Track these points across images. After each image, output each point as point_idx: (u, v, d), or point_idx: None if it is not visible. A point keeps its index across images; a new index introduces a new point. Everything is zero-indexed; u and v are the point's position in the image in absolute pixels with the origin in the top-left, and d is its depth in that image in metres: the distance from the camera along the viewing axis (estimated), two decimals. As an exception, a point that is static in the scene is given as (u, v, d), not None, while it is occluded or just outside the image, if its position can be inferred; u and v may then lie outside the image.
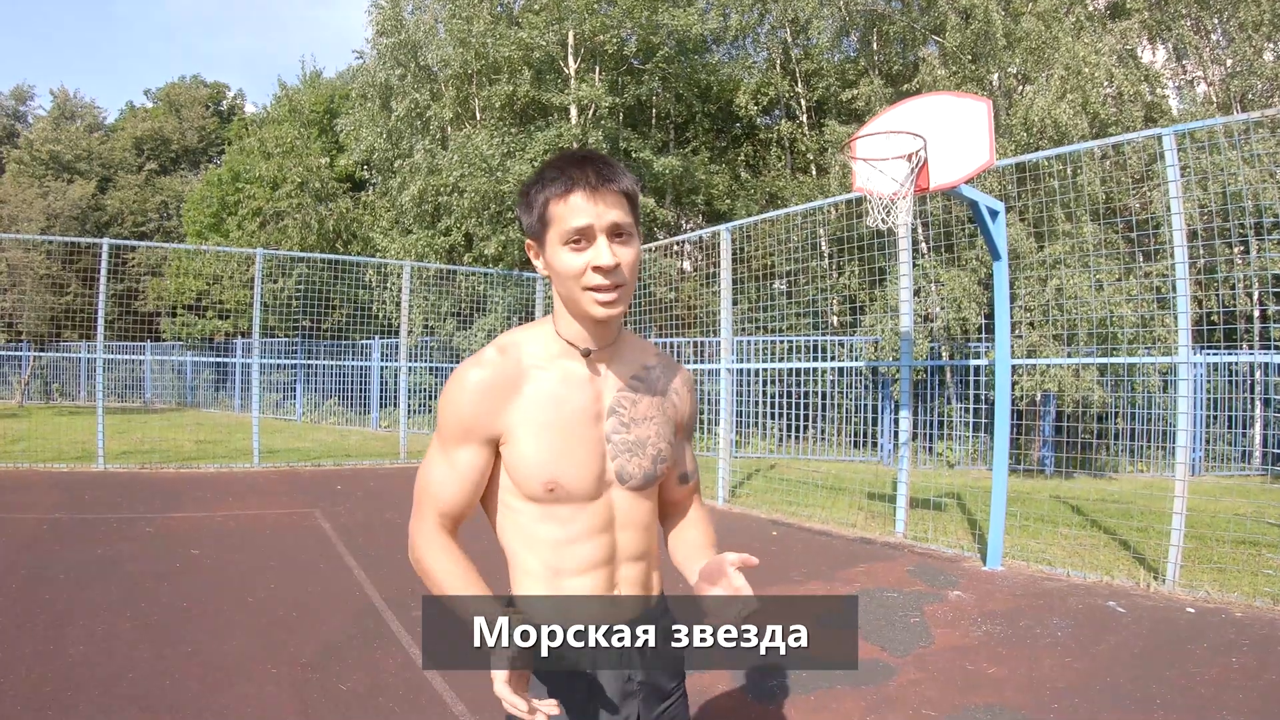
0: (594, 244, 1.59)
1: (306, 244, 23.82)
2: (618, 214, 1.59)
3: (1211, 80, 16.08)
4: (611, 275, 1.59)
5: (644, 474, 1.71)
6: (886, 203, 6.02)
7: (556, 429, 1.65)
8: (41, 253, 27.56)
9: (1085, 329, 11.61)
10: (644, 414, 1.72)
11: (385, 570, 6.45)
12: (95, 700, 3.82)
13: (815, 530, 8.47)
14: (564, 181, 1.59)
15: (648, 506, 1.74)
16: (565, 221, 1.58)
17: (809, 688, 4.20)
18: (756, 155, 23.56)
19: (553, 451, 1.65)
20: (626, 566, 1.73)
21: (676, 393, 1.79)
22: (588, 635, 1.54)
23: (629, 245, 1.62)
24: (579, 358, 1.70)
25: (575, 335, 1.69)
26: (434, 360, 18.74)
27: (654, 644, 1.55)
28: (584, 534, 1.68)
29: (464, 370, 1.69)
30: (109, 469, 11.45)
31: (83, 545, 6.97)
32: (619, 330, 1.73)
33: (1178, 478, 6.20)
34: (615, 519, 1.70)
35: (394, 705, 3.91)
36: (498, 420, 1.66)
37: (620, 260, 1.60)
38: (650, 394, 1.74)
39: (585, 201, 1.57)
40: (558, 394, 1.66)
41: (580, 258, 1.58)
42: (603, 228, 1.58)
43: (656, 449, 1.72)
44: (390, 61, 19.60)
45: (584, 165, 1.60)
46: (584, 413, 1.67)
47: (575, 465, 1.66)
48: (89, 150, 37.59)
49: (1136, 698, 4.03)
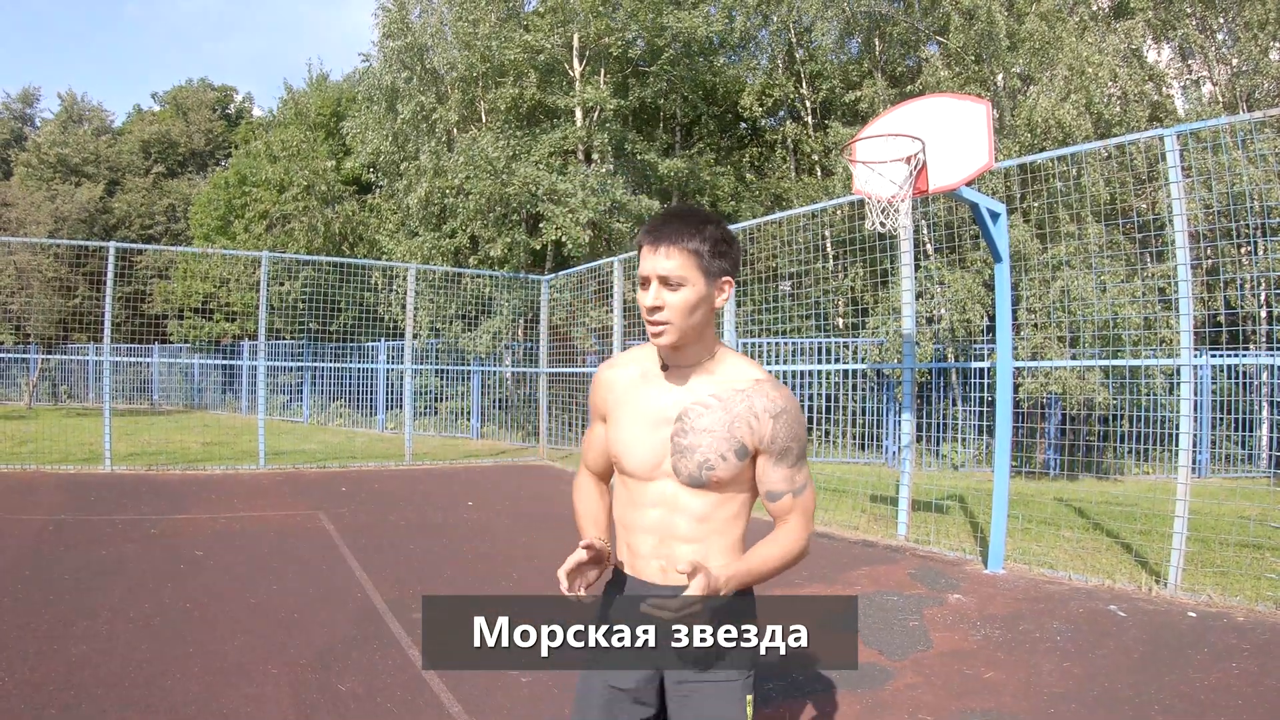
0: (648, 289, 1.96)
1: (313, 247, 23.86)
2: (671, 266, 1.93)
3: (1217, 80, 16.03)
4: (655, 314, 1.96)
5: (689, 474, 1.99)
6: (885, 205, 6.02)
7: (628, 421, 2.08)
8: (49, 256, 27.65)
9: (1089, 331, 11.59)
10: (705, 427, 1.99)
11: (387, 572, 6.47)
12: (96, 701, 3.84)
13: (817, 532, 8.46)
14: (645, 232, 1.99)
15: (703, 503, 2.02)
16: (640, 267, 1.99)
17: (804, 691, 4.20)
18: (761, 157, 23.58)
19: (621, 435, 2.09)
20: (680, 546, 2.02)
21: (755, 418, 2.00)
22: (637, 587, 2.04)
23: (678, 291, 1.94)
24: (658, 370, 2.09)
25: (660, 353, 2.09)
26: (440, 363, 18.77)
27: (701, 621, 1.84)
28: (641, 503, 2.06)
29: (603, 364, 2.23)
30: (115, 471, 11.50)
31: (87, 546, 7.00)
32: (705, 353, 2.05)
33: (1180, 480, 6.18)
34: (668, 501, 2.03)
35: (392, 706, 3.92)
36: (605, 405, 2.17)
37: (664, 303, 1.94)
38: (722, 412, 2.00)
39: (648, 254, 1.96)
40: (638, 395, 2.09)
41: (641, 296, 1.98)
42: (656, 276, 1.94)
43: (705, 458, 1.98)
44: (396, 64, 19.62)
45: (658, 223, 1.98)
46: (655, 414, 2.04)
47: (635, 450, 2.05)
48: (96, 153, 37.69)
49: (1135, 703, 4.02)
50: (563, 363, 15.77)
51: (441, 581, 6.25)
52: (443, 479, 12.13)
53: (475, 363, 18.31)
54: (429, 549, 7.40)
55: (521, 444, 17.39)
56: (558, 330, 16.04)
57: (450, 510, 9.47)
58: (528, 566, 6.74)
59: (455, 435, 19.06)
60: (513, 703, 4.01)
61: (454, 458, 14.76)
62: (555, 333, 16.00)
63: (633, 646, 1.91)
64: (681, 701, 2.00)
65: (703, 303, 1.96)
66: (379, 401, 21.02)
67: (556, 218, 17.39)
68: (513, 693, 4.13)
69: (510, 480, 12.20)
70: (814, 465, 13.63)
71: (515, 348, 18.19)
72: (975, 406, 12.72)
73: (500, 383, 19.09)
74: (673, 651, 1.89)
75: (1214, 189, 9.67)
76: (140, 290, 28.25)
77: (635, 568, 2.07)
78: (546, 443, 15.36)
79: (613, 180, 18.20)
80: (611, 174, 18.51)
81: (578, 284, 15.84)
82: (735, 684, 1.99)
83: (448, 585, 6.15)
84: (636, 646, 1.91)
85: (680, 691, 1.99)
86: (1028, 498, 10.09)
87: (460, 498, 10.38)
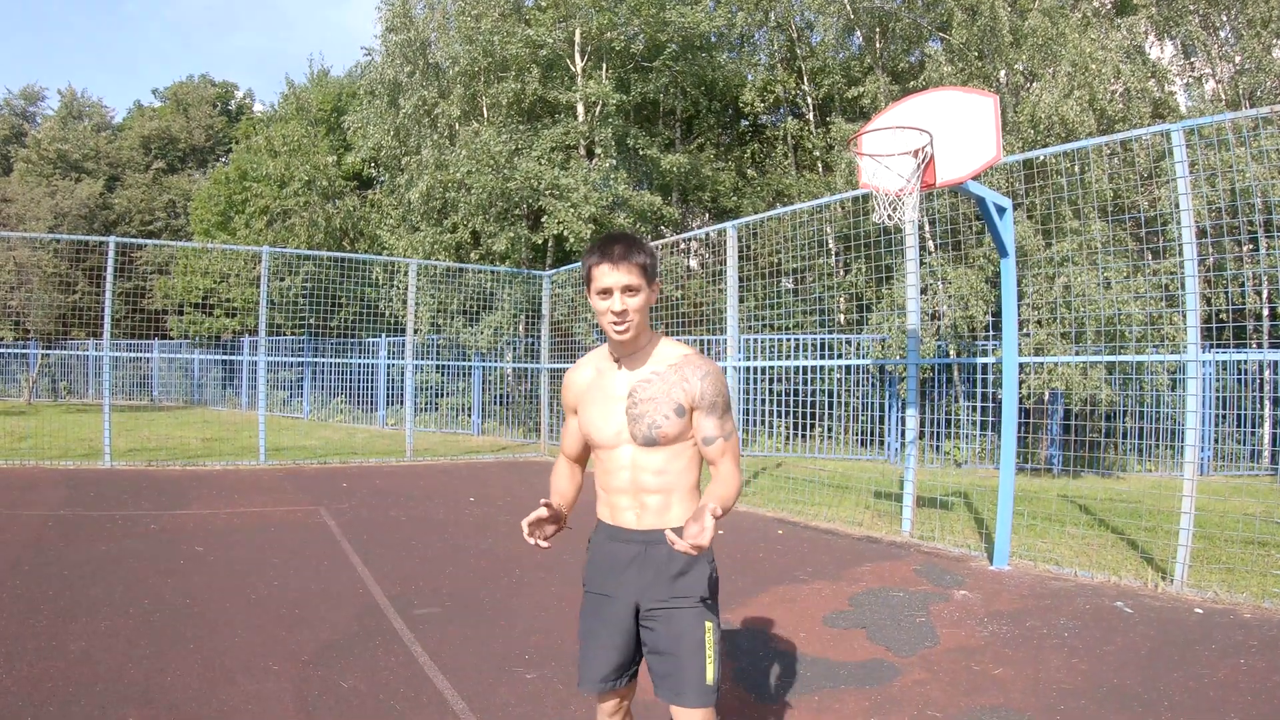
0: (611, 298, 2.47)
1: (313, 242, 23.85)
2: (630, 278, 2.47)
3: (1220, 77, 15.99)
4: (622, 316, 2.48)
5: (643, 436, 2.52)
6: (892, 199, 5.98)
7: (593, 406, 2.63)
8: (49, 251, 27.66)
9: (1093, 327, 11.55)
10: (649, 396, 2.53)
11: (388, 568, 6.44)
12: (95, 696, 3.80)
13: (821, 529, 8.44)
14: (599, 255, 2.50)
15: (659, 458, 2.54)
16: (598, 280, 2.49)
17: (812, 687, 4.17)
18: (763, 152, 23.54)
19: (590, 418, 2.64)
20: (647, 497, 2.56)
21: (687, 381, 2.53)
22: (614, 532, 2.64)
23: (637, 295, 2.49)
24: (611, 364, 2.64)
25: (612, 350, 2.64)
26: (441, 358, 18.74)
27: (660, 551, 2.51)
28: (613, 468, 2.59)
29: (566, 374, 2.77)
30: (115, 466, 11.47)
31: (87, 542, 6.97)
32: (644, 344, 2.60)
33: (1186, 477, 6.14)
34: (631, 462, 2.56)
35: (395, 703, 3.89)
36: (574, 400, 2.72)
37: (628, 307, 2.48)
38: (661, 384, 2.54)
39: (609, 270, 2.47)
40: (597, 386, 2.64)
41: (604, 303, 2.49)
42: (619, 287, 2.47)
43: (652, 420, 2.51)
44: (399, 58, 19.59)
45: (610, 247, 2.50)
46: (612, 396, 2.59)
47: (601, 426, 2.60)
48: (96, 149, 37.69)
49: (1144, 699, 3.99)
50: (564, 358, 15.74)
51: (443, 578, 6.22)
52: (444, 475, 12.11)
53: (476, 358, 18.28)
54: (430, 545, 7.37)
55: (523, 440, 17.37)
56: (559, 326, 16.02)
57: (452, 506, 9.44)
58: (530, 562, 6.70)
59: (456, 431, 19.04)
60: (517, 699, 3.97)
61: (455, 454, 14.73)
62: (557, 328, 15.97)
63: (617, 574, 2.58)
64: (655, 622, 2.52)
65: (648, 302, 2.54)
66: (380, 397, 21.00)
67: (558, 213, 17.35)
68: (517, 688, 4.10)
69: (512, 476, 12.17)
70: (816, 461, 13.66)
71: (517, 343, 18.16)
72: (978, 403, 12.68)
73: (501, 379, 19.06)
74: (650, 578, 2.53)
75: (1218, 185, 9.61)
76: (140, 286, 28.25)
77: (615, 519, 2.62)
78: (548, 439, 15.34)
79: (615, 175, 18.16)
80: (613, 169, 18.46)
81: (579, 279, 15.80)
82: (697, 609, 2.51)
83: (449, 582, 6.12)
84: (621, 574, 2.58)
85: (654, 615, 2.52)
86: (1031, 494, 10.06)
87: (461, 494, 10.35)
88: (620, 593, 2.56)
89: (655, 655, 2.52)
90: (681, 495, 2.57)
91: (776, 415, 14.91)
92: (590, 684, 2.58)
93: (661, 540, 2.45)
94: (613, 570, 2.59)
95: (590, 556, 2.70)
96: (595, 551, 2.69)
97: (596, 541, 2.70)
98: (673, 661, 2.47)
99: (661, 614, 2.50)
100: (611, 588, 2.58)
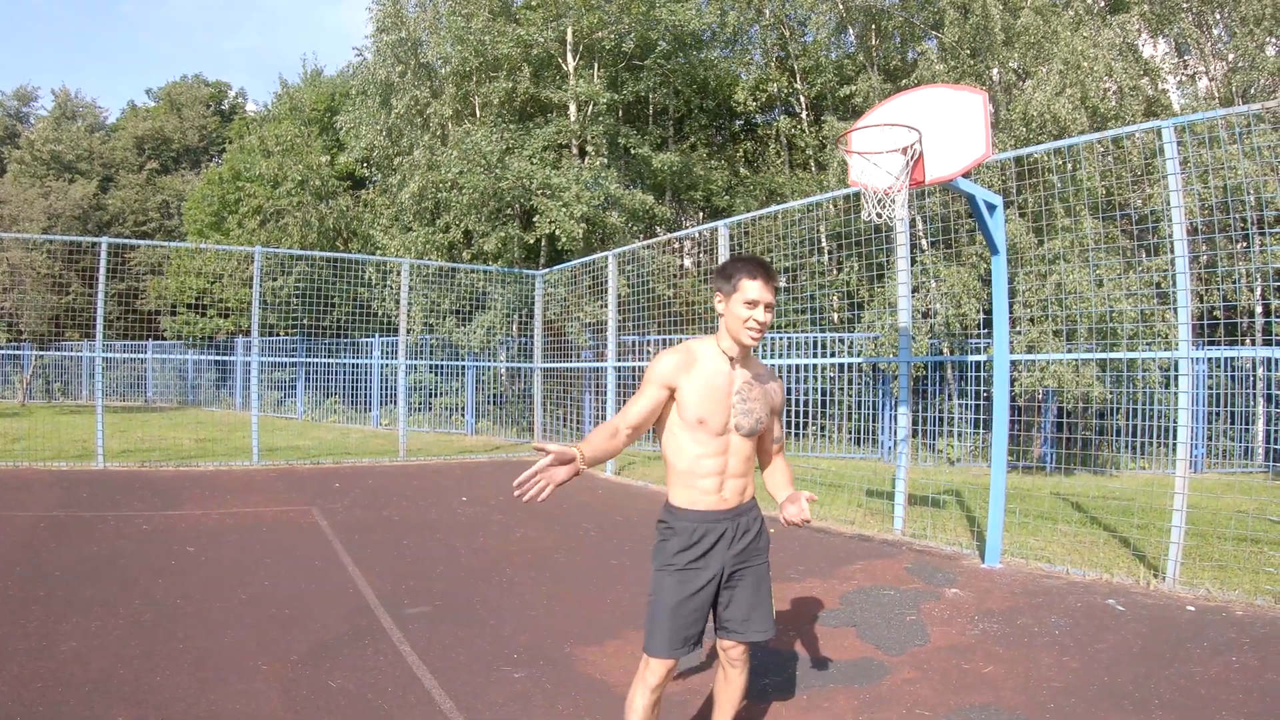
0: (756, 309, 2.95)
1: (307, 242, 23.80)
2: (771, 297, 2.97)
3: (1213, 75, 16.02)
4: (763, 326, 2.96)
5: (749, 428, 3.01)
6: (881, 196, 5.97)
7: (703, 392, 2.96)
8: (43, 252, 27.59)
9: (1085, 324, 11.56)
10: (755, 397, 3.03)
11: (379, 568, 6.42)
12: (85, 697, 3.79)
13: (814, 527, 8.43)
14: (752, 271, 2.96)
15: (749, 447, 3.06)
16: (748, 293, 2.95)
17: (801, 686, 4.16)
18: (755, 151, 23.54)
19: (701, 403, 2.96)
20: (733, 480, 3.04)
21: (773, 391, 3.15)
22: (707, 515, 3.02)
23: (769, 313, 2.97)
24: (726, 361, 3.04)
25: (727, 349, 3.05)
26: (434, 358, 18.72)
27: (742, 523, 3.07)
28: (710, 453, 2.99)
29: (665, 350, 3.04)
30: (109, 467, 11.45)
31: (79, 543, 6.95)
32: (750, 352, 3.11)
33: (1178, 474, 6.15)
34: (729, 449, 3.01)
35: (384, 703, 3.88)
36: (680, 376, 2.97)
37: (767, 320, 2.97)
38: (760, 388, 3.07)
39: (763, 287, 2.95)
40: (712, 377, 2.99)
41: (749, 312, 2.95)
42: (765, 302, 2.95)
43: (756, 417, 3.02)
44: (390, 58, 19.55)
45: (762, 266, 2.98)
46: (722, 388, 2.99)
47: (712, 413, 2.96)
48: (90, 150, 37.60)
49: (1135, 697, 3.99)
50: (557, 358, 15.73)
51: (435, 578, 6.21)
52: (437, 475, 12.09)
53: (469, 358, 18.26)
54: (422, 545, 7.36)
55: (516, 439, 17.35)
56: (552, 325, 16.00)
57: (444, 506, 9.42)
58: (520, 562, 6.70)
59: (450, 431, 19.02)
60: (504, 698, 3.97)
61: (448, 453, 14.71)
62: (550, 328, 15.96)
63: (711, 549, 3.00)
64: (741, 578, 3.06)
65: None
66: (373, 397, 20.97)
67: (550, 212, 17.32)
68: (505, 688, 4.09)
69: (505, 476, 12.15)
70: (809, 460, 13.66)
71: (509, 343, 18.14)
72: (971, 400, 12.69)
73: (495, 378, 19.04)
74: (738, 547, 3.04)
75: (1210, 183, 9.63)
76: (134, 286, 28.20)
77: (701, 503, 3.00)
78: (541, 438, 15.31)
79: (606, 174, 18.13)
80: (605, 168, 18.44)
81: (572, 279, 15.80)
82: (765, 563, 3.17)
83: (440, 581, 6.11)
84: (714, 549, 3.00)
85: (739, 574, 3.05)
86: (1024, 492, 10.07)
87: (454, 493, 10.33)
88: (711, 564, 2.99)
89: (739, 604, 3.06)
90: (752, 479, 3.14)
91: (770, 414, 14.88)
92: (676, 649, 2.93)
93: (745, 512, 3.08)
94: (706, 547, 2.99)
95: (670, 540, 3.02)
96: (681, 535, 3.01)
97: (682, 528, 3.01)
98: (756, 604, 3.07)
99: (744, 570, 3.06)
100: (704, 563, 2.99)
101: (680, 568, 2.97)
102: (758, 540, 3.11)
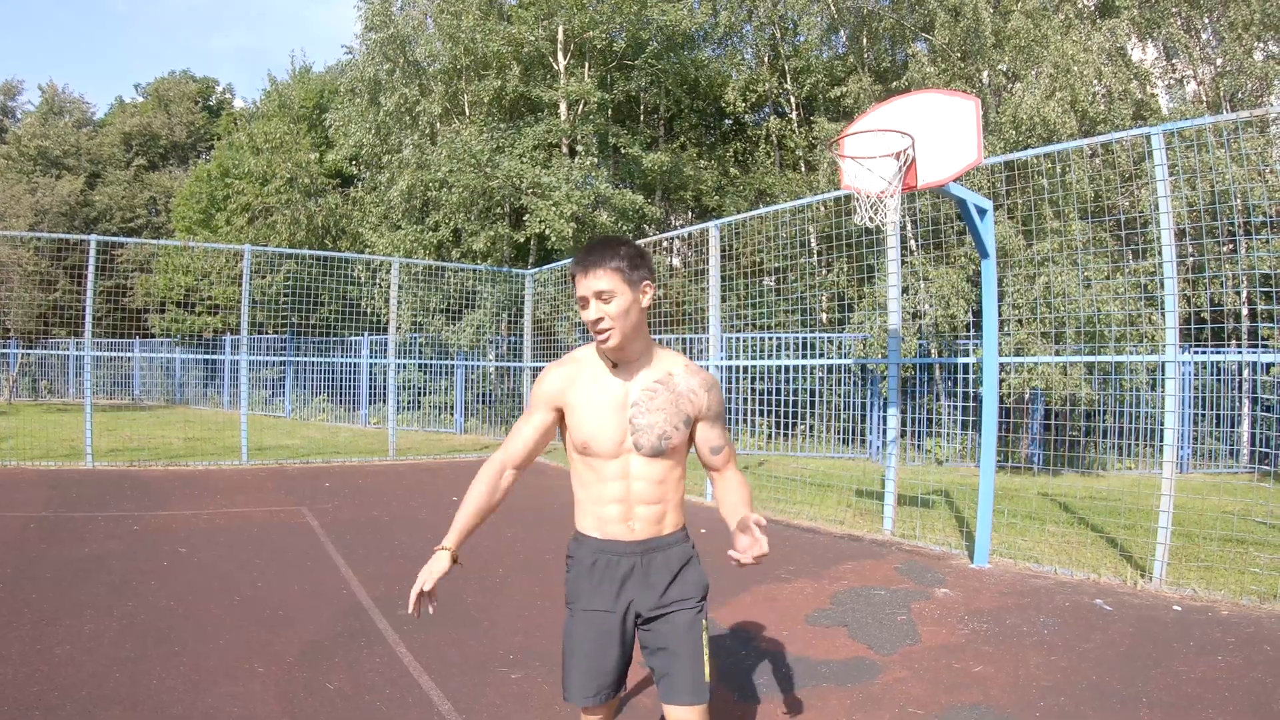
0: (588, 307, 2.44)
1: (295, 240, 23.72)
2: (601, 284, 2.41)
3: (1202, 79, 16.13)
4: (599, 324, 2.43)
5: (651, 446, 2.48)
6: (874, 201, 6.01)
7: (591, 411, 2.50)
8: (29, 249, 27.41)
9: (1073, 326, 11.64)
10: (658, 407, 2.49)
11: (372, 568, 6.43)
12: (79, 700, 3.79)
13: (803, 527, 8.48)
14: (574, 263, 2.49)
15: (659, 468, 2.51)
16: (576, 291, 2.48)
17: (793, 686, 4.20)
18: (745, 152, 23.57)
19: (586, 424, 2.50)
20: (640, 507, 2.51)
21: (694, 392, 2.56)
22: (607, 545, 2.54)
23: (611, 302, 2.42)
24: (608, 367, 2.54)
25: (608, 355, 2.53)
26: (423, 357, 18.69)
27: (656, 560, 2.53)
28: (606, 478, 2.51)
29: (550, 365, 2.63)
30: (97, 467, 11.40)
31: (69, 544, 6.93)
32: (641, 350, 2.54)
33: (1165, 475, 6.21)
34: (630, 472, 2.50)
35: (381, 704, 3.89)
36: (560, 398, 2.55)
37: (604, 314, 2.42)
38: (668, 393, 2.52)
39: (581, 279, 2.45)
40: (594, 390, 2.52)
41: (585, 313, 2.45)
42: (592, 294, 2.43)
43: (660, 432, 2.48)
44: (379, 56, 19.49)
45: (584, 255, 2.47)
46: (611, 402, 2.50)
47: (601, 434, 2.48)
48: (77, 146, 37.38)
49: (1122, 696, 4.04)
50: (546, 357, 15.73)
51: (428, 577, 6.21)
52: (427, 474, 12.09)
53: (459, 357, 18.25)
54: (414, 544, 7.36)
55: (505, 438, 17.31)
56: (541, 324, 16.01)
57: (434, 505, 9.43)
58: (513, 562, 6.72)
59: (439, 430, 18.99)
60: (502, 699, 3.99)
61: (438, 453, 14.70)
62: (539, 327, 15.96)
63: (615, 588, 2.52)
64: (656, 626, 2.52)
65: (632, 306, 2.45)
66: (362, 396, 20.93)
67: (540, 211, 17.32)
68: (502, 689, 4.11)
69: (495, 475, 12.15)
70: (798, 460, 13.70)
71: (499, 342, 18.14)
72: (959, 401, 12.76)
73: (484, 377, 19.03)
74: (650, 587, 2.52)
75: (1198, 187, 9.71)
76: (121, 284, 28.03)
77: (605, 532, 2.54)
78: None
79: (596, 174, 18.15)
80: (595, 167, 18.45)
81: (561, 278, 15.81)
82: (695, 610, 2.54)
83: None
84: (619, 587, 2.52)
85: (654, 621, 2.52)
86: (1012, 492, 10.13)
87: (444, 493, 10.34)
88: (618, 606, 2.51)
89: (657, 657, 2.52)
90: (675, 504, 2.58)
91: (758, 414, 14.95)
92: (585, 698, 2.50)
93: (661, 548, 2.54)
94: (609, 584, 2.52)
95: (576, 572, 2.59)
96: (583, 567, 2.57)
97: (582, 556, 2.58)
98: (675, 661, 2.48)
99: (662, 618, 2.51)
100: (607, 603, 2.51)
101: (581, 609, 2.54)
102: (683, 582, 2.55)
